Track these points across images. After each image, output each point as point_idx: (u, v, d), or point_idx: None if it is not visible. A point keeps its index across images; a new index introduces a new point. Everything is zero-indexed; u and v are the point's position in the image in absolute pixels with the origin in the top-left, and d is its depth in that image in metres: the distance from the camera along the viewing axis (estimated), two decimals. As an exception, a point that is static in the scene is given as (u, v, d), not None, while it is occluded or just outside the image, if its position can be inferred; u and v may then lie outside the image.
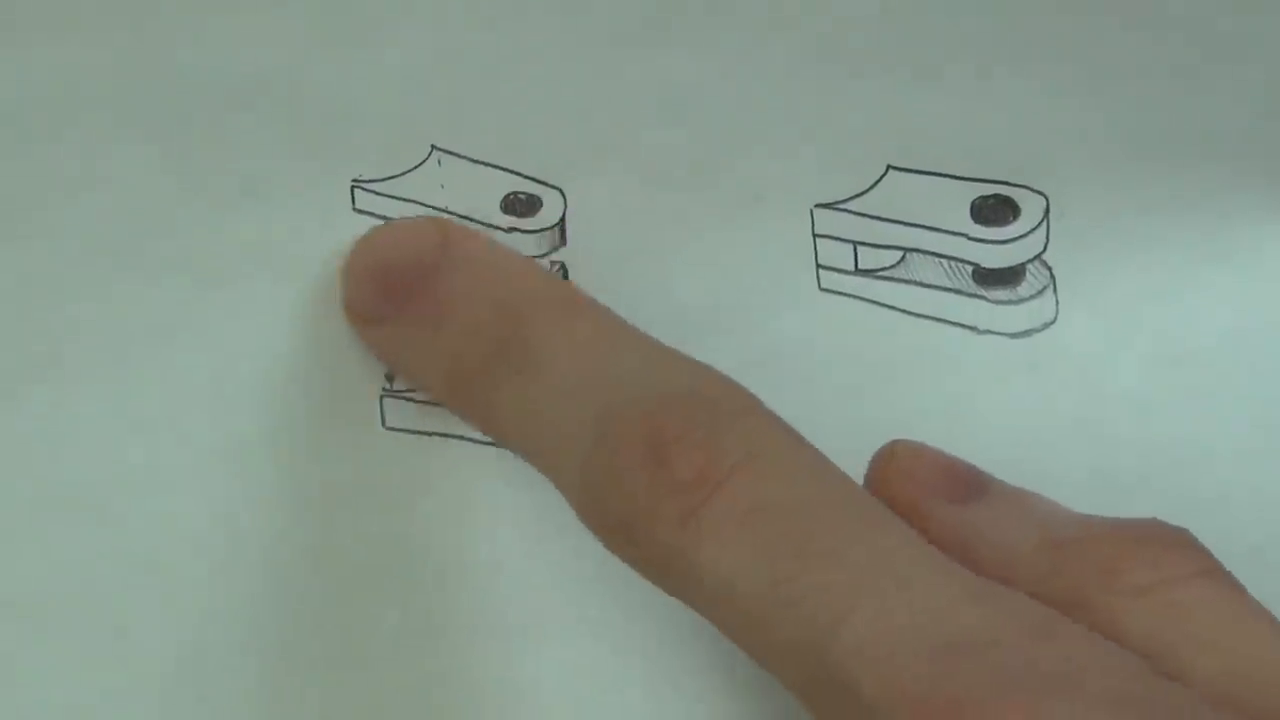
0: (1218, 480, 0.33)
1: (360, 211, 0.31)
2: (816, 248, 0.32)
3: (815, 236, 0.32)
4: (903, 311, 0.33)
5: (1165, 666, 0.25)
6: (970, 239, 0.32)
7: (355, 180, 0.31)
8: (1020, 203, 0.32)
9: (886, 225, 0.32)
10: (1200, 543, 0.27)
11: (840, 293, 0.33)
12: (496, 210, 0.32)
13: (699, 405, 0.27)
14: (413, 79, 0.31)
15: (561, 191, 0.32)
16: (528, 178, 0.32)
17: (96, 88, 0.30)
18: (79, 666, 0.32)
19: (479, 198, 0.32)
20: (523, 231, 0.32)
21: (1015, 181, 0.32)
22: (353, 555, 0.32)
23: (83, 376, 0.31)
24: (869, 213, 0.32)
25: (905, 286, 0.33)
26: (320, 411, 0.32)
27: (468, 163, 0.31)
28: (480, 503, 0.32)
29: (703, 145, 0.32)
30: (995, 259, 0.33)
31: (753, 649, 0.25)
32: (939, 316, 0.33)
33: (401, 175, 0.31)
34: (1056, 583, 0.26)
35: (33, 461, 0.31)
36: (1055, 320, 0.33)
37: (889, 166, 0.32)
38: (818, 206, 0.32)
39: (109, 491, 0.31)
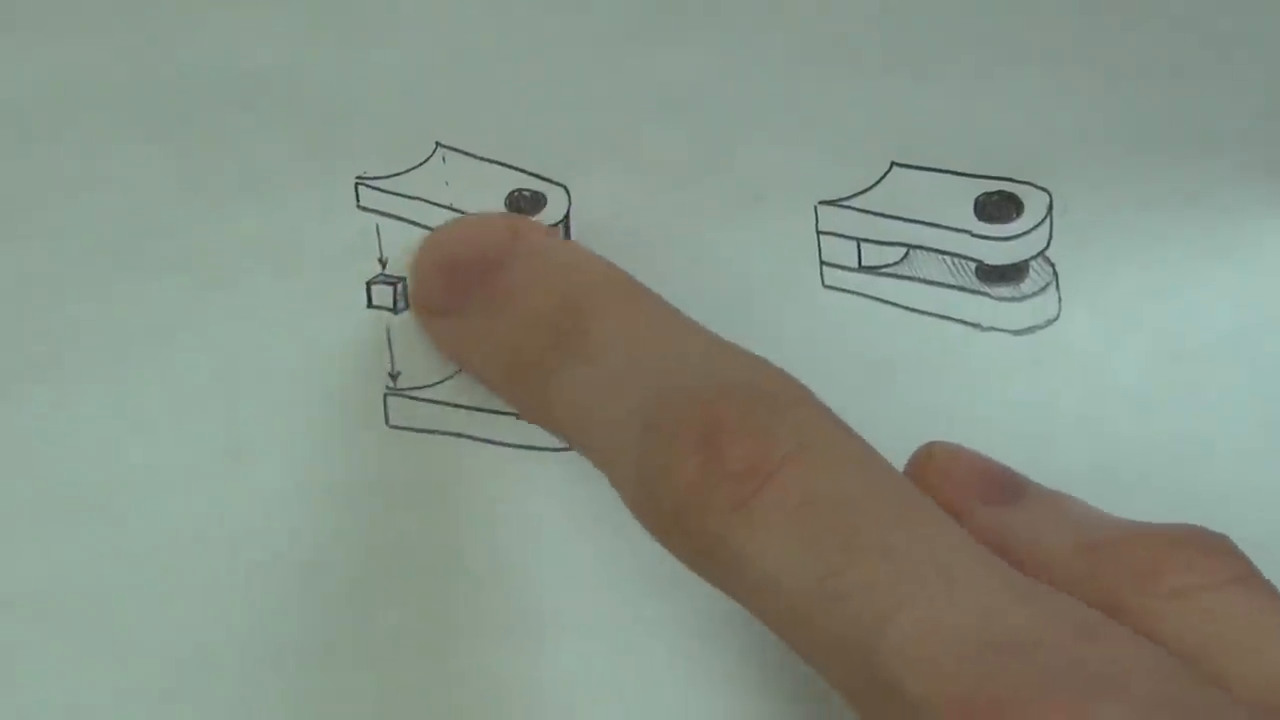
0: (1219, 476, 0.33)
1: (364, 209, 0.31)
2: (820, 244, 0.32)
3: (819, 233, 0.32)
4: (906, 308, 0.33)
5: (1200, 671, 0.25)
6: (974, 235, 0.32)
7: (359, 178, 0.31)
8: (1023, 199, 0.32)
9: (890, 222, 0.32)
10: (1238, 548, 0.27)
11: (843, 289, 0.33)
12: (501, 207, 0.31)
13: (752, 396, 0.26)
14: (416, 76, 0.30)
15: (566, 188, 0.31)
16: (532, 175, 0.31)
17: (97, 87, 0.30)
18: (80, 666, 0.32)
19: (483, 195, 0.31)
20: (527, 228, 0.32)
21: (1019, 178, 0.32)
22: (355, 553, 0.32)
23: (83, 376, 0.31)
24: (872, 209, 0.32)
25: (908, 283, 0.33)
26: (323, 410, 0.32)
27: (472, 160, 0.31)
28: (483, 501, 0.32)
29: (706, 142, 0.32)
30: (998, 256, 0.32)
31: (797, 644, 0.25)
32: (942, 313, 0.33)
33: (406, 172, 0.31)
34: (1092, 585, 0.26)
35: (33, 461, 0.31)
36: (1058, 317, 0.33)
37: (893, 163, 0.32)
38: (821, 203, 0.32)
39: (110, 491, 0.31)
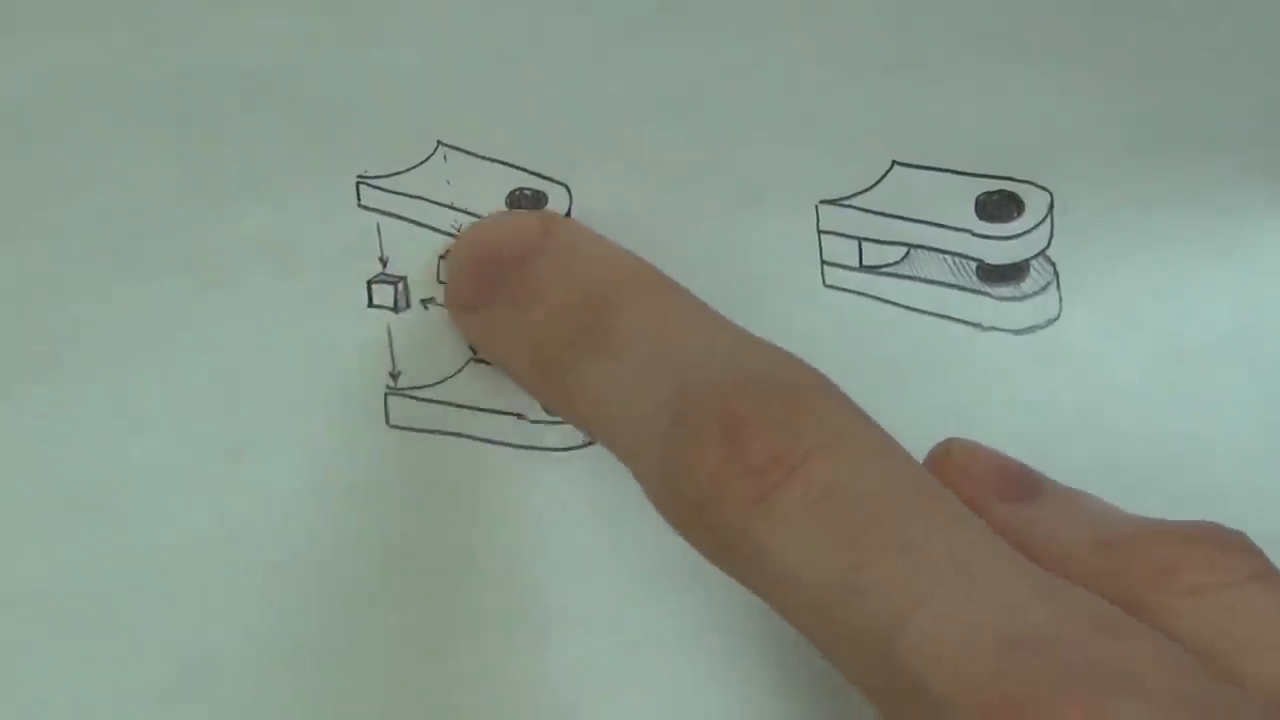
0: (1219, 476, 0.33)
1: (365, 208, 0.31)
2: (821, 244, 0.32)
3: (820, 232, 0.32)
4: (907, 308, 0.33)
5: (1216, 668, 0.25)
6: (975, 235, 0.32)
7: (360, 177, 0.31)
8: (1024, 198, 0.32)
9: (891, 221, 0.32)
10: (1256, 545, 0.27)
11: (844, 289, 0.33)
12: (502, 206, 0.31)
13: (776, 388, 0.26)
14: (417, 75, 0.30)
15: (567, 187, 0.31)
16: (533, 173, 0.31)
17: (97, 86, 0.30)
18: (80, 666, 0.32)
19: (484, 194, 0.31)
20: (528, 227, 0.32)
21: (1019, 178, 0.32)
22: (355, 554, 0.32)
23: (83, 375, 0.31)
24: (873, 209, 0.32)
25: (909, 283, 0.33)
26: (324, 409, 0.32)
27: (473, 158, 0.31)
28: (484, 500, 0.32)
29: (707, 141, 0.32)
30: (999, 255, 0.32)
31: (816, 638, 0.25)
32: (943, 313, 0.33)
33: (407, 171, 0.31)
34: (1110, 582, 0.26)
35: (34, 461, 0.31)
36: (1059, 316, 0.33)
37: (894, 162, 0.32)
38: (822, 203, 0.32)
39: (110, 491, 0.31)
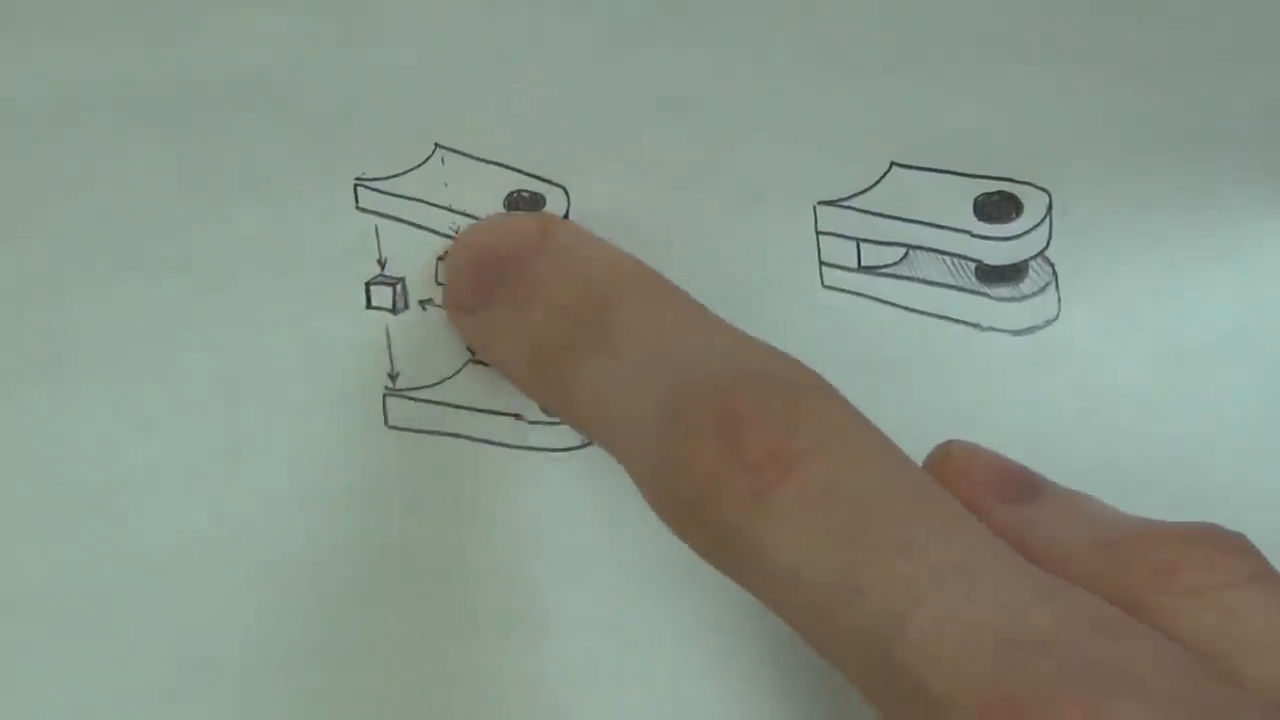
0: (1220, 476, 0.33)
1: (363, 210, 0.31)
2: (819, 245, 0.32)
3: (818, 234, 0.32)
4: (905, 309, 0.33)
5: (1217, 669, 0.25)
6: (973, 236, 0.32)
7: (358, 179, 0.31)
8: (1023, 199, 0.32)
9: (889, 222, 0.32)
10: (1255, 546, 0.27)
11: (843, 290, 0.33)
12: (500, 208, 0.31)
13: (774, 386, 0.26)
14: (416, 77, 0.30)
15: (565, 189, 0.31)
16: (531, 175, 0.31)
17: (97, 87, 0.30)
18: (80, 666, 0.32)
19: (482, 196, 0.31)
20: (526, 229, 0.32)
21: (1018, 178, 0.32)
22: (354, 554, 0.32)
23: (84, 376, 0.31)
24: (872, 210, 0.32)
25: (908, 283, 0.33)
26: (323, 411, 0.32)
27: (471, 160, 0.31)
28: (482, 501, 0.32)
29: (705, 142, 0.32)
30: (998, 256, 0.32)
31: (814, 638, 0.25)
32: (941, 314, 0.33)
33: (405, 173, 0.31)
34: (1109, 583, 0.26)
35: (33, 461, 0.31)
36: (1057, 317, 0.33)
37: (892, 163, 0.32)
38: (821, 204, 0.32)
39: (109, 491, 0.31)
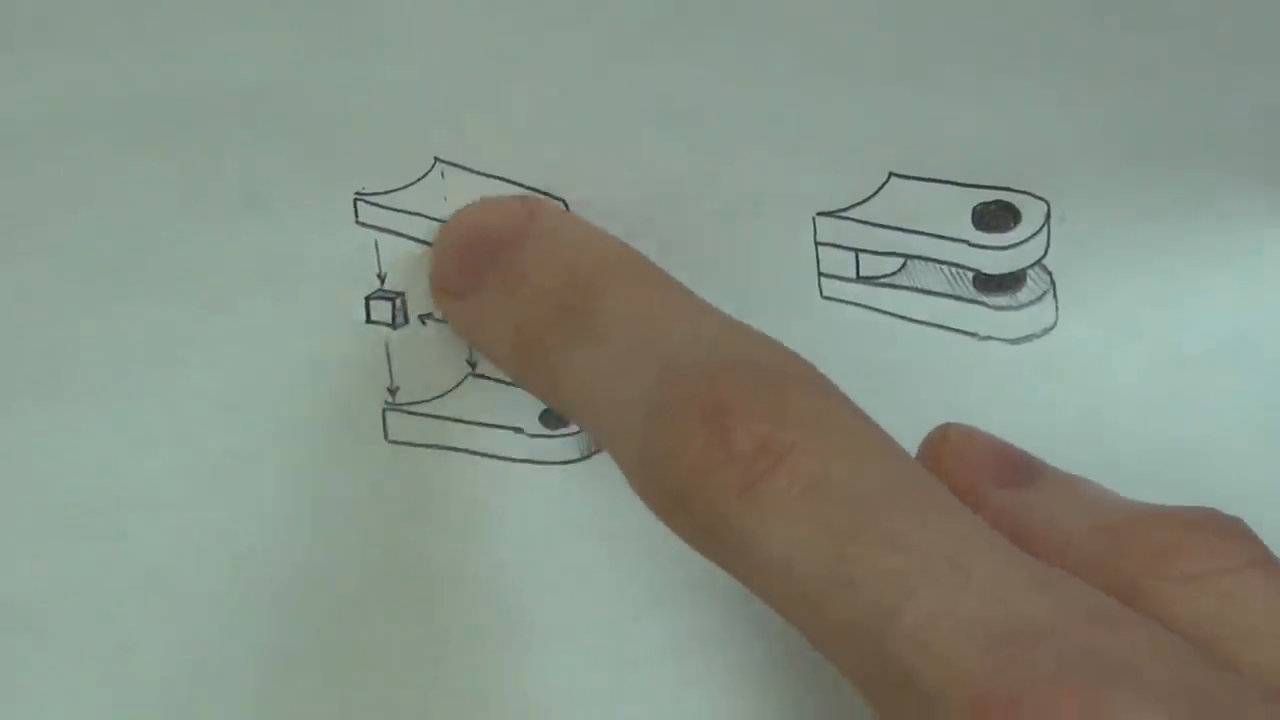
0: (1219, 484, 0.33)
1: (362, 224, 0.31)
2: (818, 255, 0.32)
3: (817, 244, 0.32)
4: (904, 318, 0.33)
5: (1217, 655, 0.25)
6: (971, 245, 0.32)
7: (358, 193, 0.31)
8: (1021, 208, 0.32)
9: (888, 232, 0.32)
10: (1253, 532, 0.27)
11: (842, 300, 0.33)
12: (499, 220, 0.32)
13: (762, 374, 0.26)
14: (415, 92, 0.30)
15: (564, 202, 0.31)
16: (531, 188, 0.31)
17: (97, 102, 0.30)
18: (81, 680, 0.32)
19: (481, 209, 0.31)
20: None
21: (1016, 187, 0.32)
22: (355, 568, 0.32)
23: (84, 391, 0.31)
24: (870, 220, 0.32)
25: (906, 293, 0.33)
26: (323, 425, 0.32)
27: (471, 174, 0.31)
28: (482, 515, 0.32)
29: (704, 154, 0.32)
30: (996, 265, 0.32)
31: (807, 629, 0.25)
32: (940, 323, 0.33)
33: (404, 188, 0.31)
34: (1108, 567, 0.26)
35: (34, 477, 0.31)
36: (1055, 325, 0.33)
37: (891, 174, 0.32)
38: (819, 214, 0.32)
39: (111, 507, 0.31)
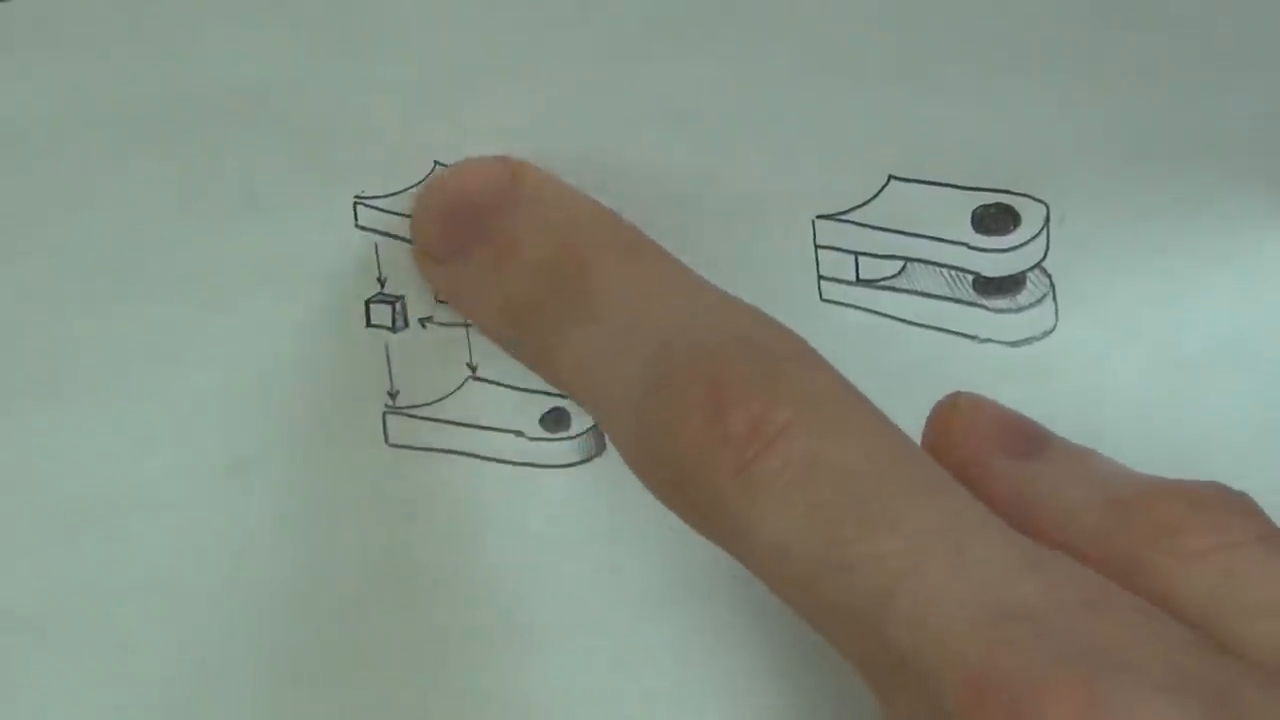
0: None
1: (362, 228, 0.31)
2: (818, 258, 0.32)
3: (817, 247, 0.32)
4: (903, 321, 0.33)
5: (1219, 631, 0.24)
6: (971, 248, 0.32)
7: (357, 196, 0.31)
8: (1021, 211, 0.32)
9: (888, 235, 0.32)
10: (1260, 508, 0.26)
11: (841, 303, 0.33)
12: (498, 224, 0.31)
13: (756, 352, 0.26)
14: (415, 94, 0.30)
15: (563, 203, 0.31)
16: (530, 190, 0.31)
17: (97, 103, 0.30)
18: (81, 682, 0.32)
19: (481, 212, 0.31)
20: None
21: (1016, 190, 0.32)
22: (356, 571, 0.32)
23: (84, 392, 0.31)
24: (870, 223, 0.32)
25: (906, 296, 0.33)
26: (323, 428, 0.32)
27: (470, 176, 0.31)
28: (482, 518, 0.32)
29: (703, 157, 0.32)
30: (996, 268, 0.32)
31: (803, 610, 0.25)
32: (940, 326, 0.33)
33: (404, 191, 0.31)
34: (1114, 541, 0.26)
35: (34, 478, 0.31)
36: (1054, 328, 0.33)
37: (890, 177, 0.32)
38: (819, 217, 0.32)
39: (111, 508, 0.31)
